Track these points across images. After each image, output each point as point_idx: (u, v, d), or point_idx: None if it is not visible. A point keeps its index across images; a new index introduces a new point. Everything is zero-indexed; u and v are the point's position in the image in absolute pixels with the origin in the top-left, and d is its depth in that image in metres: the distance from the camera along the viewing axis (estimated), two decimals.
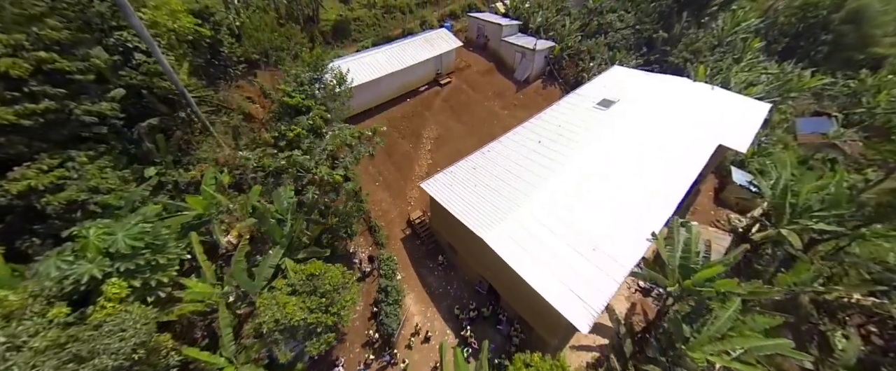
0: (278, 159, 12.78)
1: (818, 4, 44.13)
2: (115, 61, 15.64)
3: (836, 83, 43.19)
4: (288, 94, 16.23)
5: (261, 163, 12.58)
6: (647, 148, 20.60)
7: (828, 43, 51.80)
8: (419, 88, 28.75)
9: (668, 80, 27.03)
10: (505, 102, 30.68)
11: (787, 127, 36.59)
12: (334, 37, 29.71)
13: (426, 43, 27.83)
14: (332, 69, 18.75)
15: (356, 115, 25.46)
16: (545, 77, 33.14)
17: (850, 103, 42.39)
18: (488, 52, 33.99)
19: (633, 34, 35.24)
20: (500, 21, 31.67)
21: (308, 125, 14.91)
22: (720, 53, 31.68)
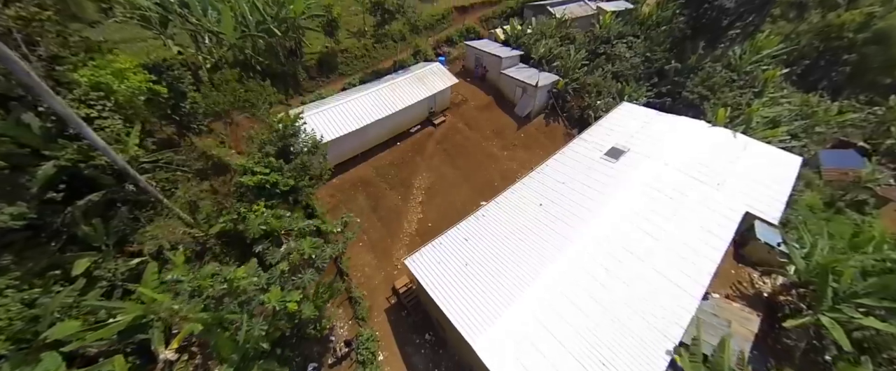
0: (217, 283, 10.52)
1: (842, 26, 41.25)
2: (48, 130, 13.57)
3: (862, 110, 40.36)
4: (249, 170, 13.96)
5: (196, 285, 10.36)
6: (662, 216, 18.11)
7: (850, 63, 48.91)
8: (411, 129, 26.43)
9: (684, 123, 24.54)
10: (504, 142, 28.27)
11: (808, 159, 33.76)
12: (320, 71, 27.50)
13: (418, 81, 25.51)
14: (304, 131, 16.51)
15: (340, 164, 23.20)
16: (548, 111, 30.71)
17: (878, 132, 39.55)
18: (487, 83, 31.63)
19: (643, 62, 32.72)
20: (498, 52, 29.30)
21: (260, 231, 12.63)
22: (739, 88, 29.02)
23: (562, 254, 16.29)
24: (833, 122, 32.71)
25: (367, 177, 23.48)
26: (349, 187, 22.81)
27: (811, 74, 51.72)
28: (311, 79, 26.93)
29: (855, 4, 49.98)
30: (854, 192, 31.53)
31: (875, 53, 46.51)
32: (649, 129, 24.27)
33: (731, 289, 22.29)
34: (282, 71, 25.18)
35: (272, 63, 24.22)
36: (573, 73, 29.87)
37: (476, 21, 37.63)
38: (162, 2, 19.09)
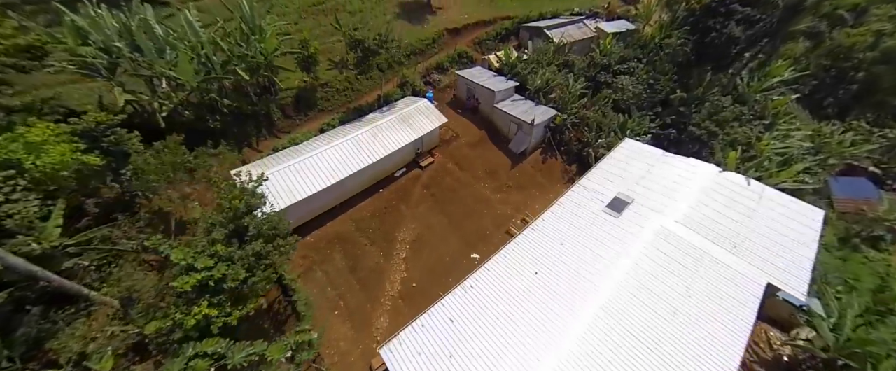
0: None
1: (852, 47, 39.45)
2: None
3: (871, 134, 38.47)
4: (189, 266, 11.71)
5: None
6: (674, 290, 15.99)
7: (858, 82, 47.13)
8: (395, 173, 24.25)
9: (692, 168, 22.46)
10: (498, 183, 26.12)
11: (819, 188, 31.70)
12: (297, 109, 25.31)
13: (403, 122, 23.36)
14: (264, 200, 14.31)
15: (316, 219, 21.01)
16: (545, 145, 28.59)
17: (890, 156, 37.73)
18: (479, 115, 29.53)
19: (646, 89, 30.67)
20: (491, 85, 27.19)
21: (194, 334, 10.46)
22: (748, 121, 27.02)
23: (558, 343, 14.14)
24: (847, 154, 30.75)
25: (345, 232, 21.26)
26: (325, 245, 20.58)
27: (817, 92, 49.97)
28: (288, 118, 24.74)
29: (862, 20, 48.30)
30: (870, 227, 29.54)
31: (884, 73, 44.71)
32: (655, 174, 22.21)
33: (747, 352, 20.18)
34: (253, 111, 23.00)
35: (242, 104, 22.04)
36: (571, 107, 27.77)
37: (469, 44, 35.56)
38: (107, 47, 16.87)
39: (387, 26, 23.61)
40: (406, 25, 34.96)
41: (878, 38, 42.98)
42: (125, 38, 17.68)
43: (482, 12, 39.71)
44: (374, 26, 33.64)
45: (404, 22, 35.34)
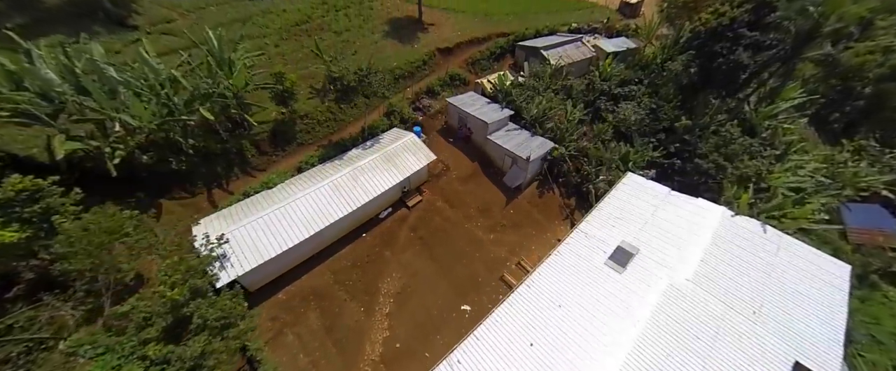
0: None
1: (862, 66, 37.79)
2: None
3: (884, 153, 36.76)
4: None
5: None
6: (691, 369, 14.09)
7: (866, 97, 45.53)
8: (380, 214, 22.31)
9: (701, 211, 20.64)
10: (491, 221, 24.20)
11: (830, 217, 29.83)
12: (273, 144, 23.33)
13: (387, 162, 21.44)
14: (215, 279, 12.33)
15: (290, 272, 19.03)
16: (541, 177, 26.72)
17: None
18: (472, 145, 27.63)
19: (649, 115, 28.84)
20: (484, 116, 25.28)
21: None
22: (758, 151, 25.21)
23: None
24: (863, 185, 28.97)
25: (321, 286, 19.27)
26: (298, 303, 18.58)
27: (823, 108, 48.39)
28: (263, 154, 22.77)
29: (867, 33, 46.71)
30: (889, 262, 27.71)
31: (892, 90, 43.09)
32: (661, 217, 20.39)
33: None
34: (224, 149, 21.04)
35: (209, 143, 20.07)
36: (570, 138, 25.94)
37: (462, 64, 33.72)
38: (46, 92, 14.90)
39: (369, 59, 21.57)
40: (395, 45, 33.12)
41: (887, 55, 41.38)
42: (69, 80, 15.71)
43: (476, 29, 37.93)
44: (361, 46, 31.96)
45: (393, 41, 33.50)
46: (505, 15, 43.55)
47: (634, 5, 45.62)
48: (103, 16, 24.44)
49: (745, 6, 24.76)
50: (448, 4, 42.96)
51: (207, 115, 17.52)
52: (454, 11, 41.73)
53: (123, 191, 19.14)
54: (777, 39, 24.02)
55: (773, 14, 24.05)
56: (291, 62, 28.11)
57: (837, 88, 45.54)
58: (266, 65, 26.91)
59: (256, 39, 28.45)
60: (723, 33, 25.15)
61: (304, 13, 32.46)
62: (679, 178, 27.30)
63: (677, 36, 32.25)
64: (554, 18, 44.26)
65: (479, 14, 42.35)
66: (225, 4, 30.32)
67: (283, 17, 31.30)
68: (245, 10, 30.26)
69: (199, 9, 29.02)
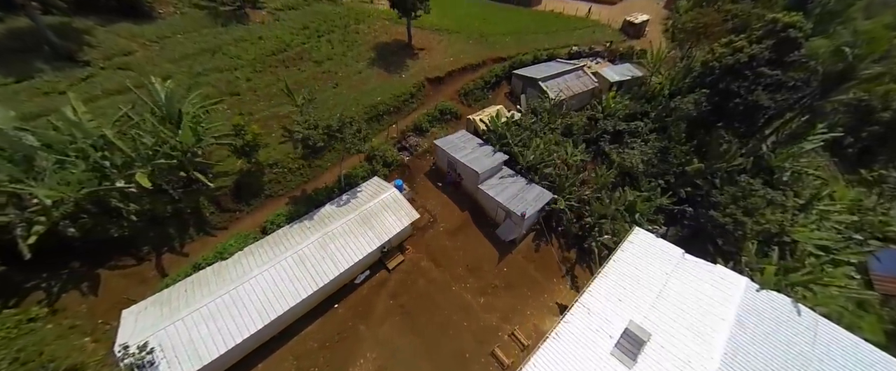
0: None
1: (888, 96, 35.35)
2: None
3: None
4: None
5: None
6: None
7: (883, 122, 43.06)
8: (355, 280, 19.69)
9: (721, 283, 18.05)
10: (482, 282, 21.57)
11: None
12: (237, 198, 20.72)
13: (363, 224, 18.87)
14: None
15: (243, 360, 16.36)
16: (539, 228, 24.14)
17: None
18: (461, 191, 25.06)
19: (656, 156, 26.33)
20: (474, 166, 22.67)
21: None
22: (780, 203, 22.67)
23: None
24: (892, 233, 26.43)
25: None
26: None
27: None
28: (224, 211, 20.16)
29: None
30: None
31: None
32: (675, 290, 17.83)
33: None
34: (176, 209, 18.44)
35: (157, 205, 17.46)
36: (571, 185, 23.39)
37: (453, 96, 31.19)
38: None
39: (341, 112, 18.92)
40: (381, 75, 30.63)
41: None
42: None
43: (470, 53, 35.45)
44: (343, 77, 29.46)
45: (379, 70, 31.01)
46: (501, 35, 41.12)
47: (638, 25, 43.23)
48: (49, 51, 21.93)
49: (765, 42, 22.31)
50: (442, 24, 40.56)
51: (144, 182, 14.89)
52: (447, 32, 39.31)
53: (55, 261, 16.66)
54: (802, 80, 21.55)
55: (797, 52, 21.60)
56: (264, 98, 25.60)
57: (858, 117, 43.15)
58: (235, 104, 24.46)
59: (226, 73, 25.92)
60: (740, 71, 22.68)
61: (283, 40, 29.95)
62: (692, 223, 24.84)
63: (687, 66, 29.83)
64: (553, 39, 41.84)
65: (473, 35, 39.92)
66: (193, 32, 27.80)
67: (258, 45, 28.77)
68: (215, 40, 27.74)
69: (164, 38, 26.50)
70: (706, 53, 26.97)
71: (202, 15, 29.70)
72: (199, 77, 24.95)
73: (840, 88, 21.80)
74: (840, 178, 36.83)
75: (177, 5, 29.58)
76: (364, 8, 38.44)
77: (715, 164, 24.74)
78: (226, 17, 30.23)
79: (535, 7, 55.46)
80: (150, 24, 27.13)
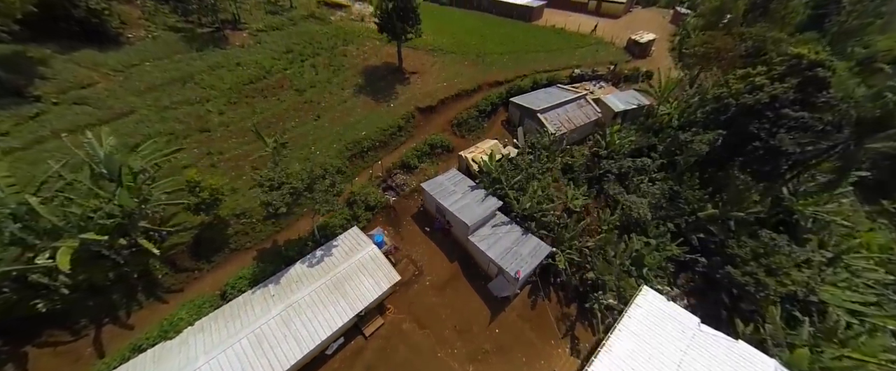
0: None
1: None
2: None
3: None
4: None
5: None
6: None
7: None
8: (326, 350, 17.37)
9: (746, 364, 15.69)
10: (471, 346, 19.20)
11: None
12: (195, 255, 18.46)
13: (336, 290, 16.63)
14: None
15: None
16: (535, 279, 21.82)
17: None
18: (451, 239, 22.79)
19: (664, 198, 24.01)
20: (464, 217, 20.42)
21: None
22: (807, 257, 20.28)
23: None
24: None
25: None
26: None
27: None
28: (180, 271, 17.90)
29: None
30: None
31: None
32: None
33: None
34: (120, 274, 16.21)
35: (94, 274, 15.25)
36: (571, 237, 21.10)
37: (445, 126, 28.96)
38: None
39: (311, 168, 16.59)
40: (368, 104, 28.46)
41: None
42: None
43: (465, 77, 33.29)
44: (326, 107, 27.27)
45: (366, 98, 28.85)
46: (499, 55, 38.98)
47: (644, 45, 41.04)
48: None
49: (788, 80, 20.02)
50: (436, 43, 38.51)
51: (63, 264, 12.47)
52: (442, 53, 37.22)
53: None
54: (833, 124, 19.25)
55: (826, 93, 19.31)
56: (237, 134, 23.44)
57: None
58: (204, 142, 22.30)
59: (196, 106, 23.80)
60: (760, 112, 20.40)
61: (263, 67, 27.84)
62: (703, 268, 22.52)
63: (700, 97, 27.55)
64: (554, 59, 39.66)
65: (469, 55, 37.80)
66: (164, 59, 25.71)
67: (235, 73, 26.66)
68: (188, 67, 25.65)
69: (131, 67, 24.40)
70: (720, 86, 24.68)
71: (176, 39, 27.63)
72: (167, 111, 22.85)
73: (878, 136, 19.42)
74: (861, 210, 34.36)
75: (149, 28, 27.52)
76: (354, 27, 36.40)
77: (730, 211, 22.42)
78: (202, 41, 28.16)
79: (536, 21, 53.46)
80: (116, 50, 25.03)
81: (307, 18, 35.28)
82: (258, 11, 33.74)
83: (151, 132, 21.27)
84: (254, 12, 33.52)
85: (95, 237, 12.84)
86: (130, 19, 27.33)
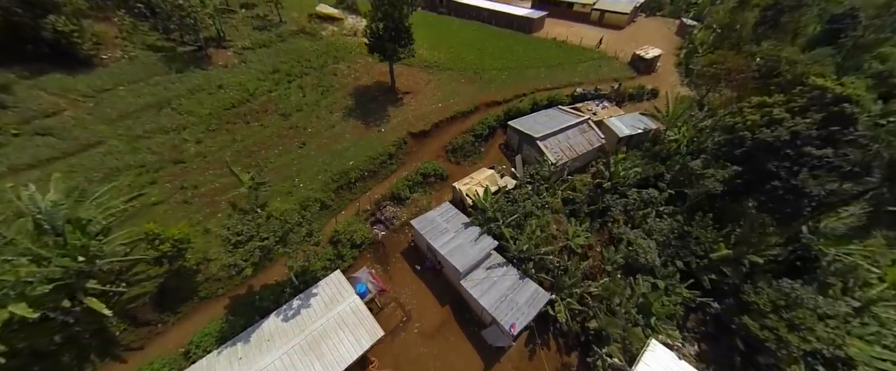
0: None
1: None
2: None
3: None
4: None
5: None
6: None
7: None
8: None
9: None
10: None
11: None
12: (160, 307, 16.84)
13: (311, 351, 14.95)
14: None
15: None
16: (532, 325, 20.07)
17: None
18: (443, 279, 21.12)
19: (673, 236, 22.31)
20: (456, 262, 18.79)
21: None
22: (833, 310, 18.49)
23: None
24: None
25: None
26: None
27: None
28: (141, 326, 16.28)
29: None
30: None
31: None
32: None
33: None
34: (70, 335, 14.60)
35: (37, 340, 13.65)
36: (572, 284, 19.41)
37: (439, 152, 27.32)
38: None
39: (284, 220, 14.92)
40: (358, 128, 26.86)
41: None
42: None
43: (461, 96, 31.74)
44: (313, 133, 25.65)
45: (356, 122, 27.27)
46: (498, 71, 37.42)
47: (649, 61, 39.38)
48: None
49: (810, 114, 18.32)
50: (432, 59, 37.00)
51: None
52: (438, 69, 35.69)
53: None
54: (862, 166, 17.53)
55: (853, 130, 17.60)
56: (214, 165, 21.87)
57: None
58: (178, 175, 20.74)
59: (172, 134, 22.27)
60: (780, 150, 18.70)
61: (247, 89, 26.30)
62: (716, 310, 20.80)
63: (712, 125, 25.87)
64: (555, 75, 38.06)
65: (467, 71, 36.26)
66: (140, 83, 24.21)
67: (216, 96, 25.14)
68: (165, 91, 24.14)
69: (103, 91, 22.91)
70: (733, 114, 22.99)
71: (155, 59, 26.15)
72: (139, 141, 21.33)
73: None
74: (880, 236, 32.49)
75: (126, 48, 26.04)
76: (346, 43, 34.87)
77: (746, 252, 20.68)
78: (183, 61, 26.67)
79: (537, 33, 51.84)
80: (87, 73, 23.55)
81: (297, 34, 33.79)
82: (245, 27, 32.27)
83: (120, 165, 19.76)
84: (240, 28, 32.05)
85: (24, 313, 11.24)
86: (106, 39, 25.84)
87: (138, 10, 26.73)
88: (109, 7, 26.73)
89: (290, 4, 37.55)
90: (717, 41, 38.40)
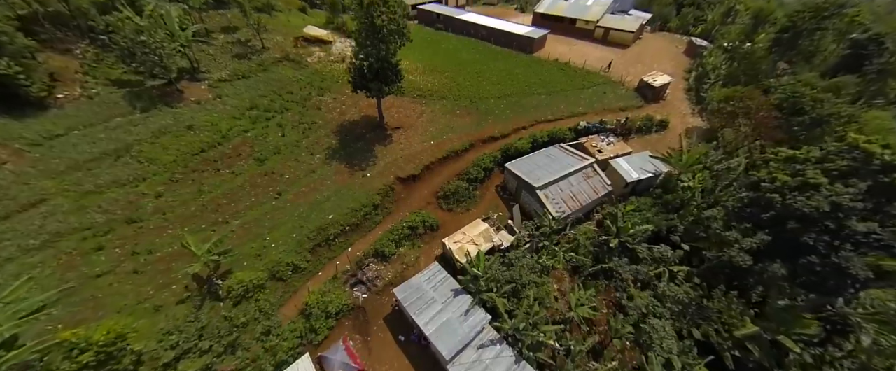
0: None
1: None
2: None
3: None
4: None
5: None
6: None
7: None
8: None
9: None
10: None
11: None
12: None
13: None
14: None
15: None
16: None
17: None
18: (429, 353, 18.60)
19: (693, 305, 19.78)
20: (442, 346, 16.30)
21: None
22: None
23: None
24: None
25: None
26: None
27: None
28: None
29: None
30: None
31: None
32: None
33: None
34: None
35: None
36: (576, 366, 16.91)
37: (429, 199, 24.86)
38: None
39: (230, 322, 12.52)
40: (341, 173, 24.42)
41: None
42: None
43: (455, 131, 29.35)
44: (291, 180, 23.24)
45: (340, 165, 24.84)
46: (496, 99, 35.05)
47: (658, 89, 36.88)
48: None
49: (853, 182, 15.84)
50: (426, 86, 34.67)
51: None
52: (432, 99, 33.35)
53: None
54: None
55: None
56: (175, 222, 19.48)
57: None
58: (130, 237, 18.33)
59: (128, 187, 19.92)
60: (818, 222, 16.20)
61: (219, 129, 23.96)
62: None
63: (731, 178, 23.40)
64: (556, 103, 35.60)
65: (462, 100, 33.93)
66: (98, 125, 21.90)
67: (183, 139, 22.81)
68: (125, 135, 21.83)
69: (53, 138, 20.58)
70: (758, 169, 20.51)
71: (119, 97, 23.88)
72: (88, 197, 18.99)
73: None
74: None
75: (86, 85, 23.75)
76: (332, 71, 32.56)
77: (777, 330, 18.15)
78: (150, 99, 24.38)
79: (538, 52, 49.45)
80: (37, 117, 21.24)
81: (280, 62, 31.51)
82: (224, 56, 29.98)
83: (62, 229, 17.38)
84: (219, 57, 29.78)
85: None
86: (65, 74, 23.58)
87: (102, 42, 24.44)
88: (71, 39, 24.41)
89: (275, 27, 35.33)
90: (731, 71, 35.91)
